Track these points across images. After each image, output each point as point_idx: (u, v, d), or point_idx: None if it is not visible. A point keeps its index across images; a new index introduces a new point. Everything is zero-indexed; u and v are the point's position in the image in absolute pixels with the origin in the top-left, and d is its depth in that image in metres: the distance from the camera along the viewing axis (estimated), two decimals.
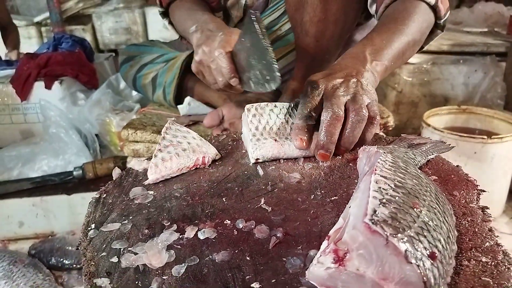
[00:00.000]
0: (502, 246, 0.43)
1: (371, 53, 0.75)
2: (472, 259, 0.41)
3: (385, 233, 0.34)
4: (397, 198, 0.39)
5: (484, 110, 1.80)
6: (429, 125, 1.64)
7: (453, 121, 1.82)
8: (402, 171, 0.46)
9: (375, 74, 0.74)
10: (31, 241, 1.44)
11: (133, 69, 1.50)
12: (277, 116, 0.67)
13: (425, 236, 0.35)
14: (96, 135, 1.71)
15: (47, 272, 1.26)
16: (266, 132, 0.66)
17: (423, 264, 0.33)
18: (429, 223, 0.37)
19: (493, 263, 0.41)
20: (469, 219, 0.49)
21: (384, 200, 0.38)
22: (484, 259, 0.41)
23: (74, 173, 1.49)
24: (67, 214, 1.44)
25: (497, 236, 0.45)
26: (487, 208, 0.51)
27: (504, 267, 0.40)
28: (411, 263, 0.33)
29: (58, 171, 1.55)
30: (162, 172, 0.61)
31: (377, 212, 0.36)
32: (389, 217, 0.36)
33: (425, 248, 0.34)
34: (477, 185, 0.57)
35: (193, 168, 0.65)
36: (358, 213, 0.37)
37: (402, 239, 0.34)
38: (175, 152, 0.63)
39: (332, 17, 1.03)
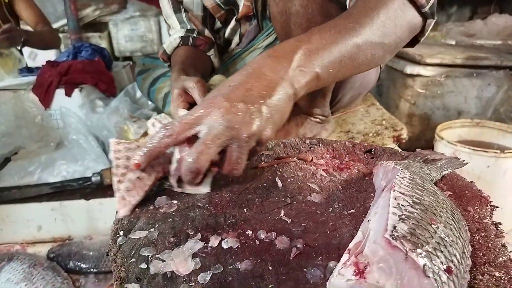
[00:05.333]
0: None
1: (302, 56, 0.62)
2: (485, 274, 0.43)
3: (405, 248, 0.36)
4: (415, 214, 0.41)
5: (497, 124, 1.79)
6: (442, 138, 1.64)
7: (466, 135, 1.82)
8: (420, 187, 0.47)
9: (295, 86, 0.62)
10: (49, 245, 1.46)
11: (146, 82, 1.55)
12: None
13: (441, 251, 0.37)
14: None
15: (65, 275, 1.28)
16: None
17: (440, 278, 0.35)
18: (445, 238, 0.39)
19: (506, 278, 0.42)
20: (482, 234, 0.50)
21: (403, 216, 0.40)
22: (497, 274, 0.42)
23: (93, 179, 1.51)
24: (84, 219, 1.46)
25: (510, 251, 0.47)
26: (500, 224, 0.52)
27: None
28: (429, 277, 0.34)
29: (77, 177, 1.56)
30: (133, 201, 0.59)
31: (396, 228, 0.38)
32: (408, 233, 0.37)
33: (442, 262, 0.36)
34: (491, 201, 0.58)
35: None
36: (379, 228, 0.39)
37: (421, 254, 0.35)
38: (135, 177, 0.60)
39: None
